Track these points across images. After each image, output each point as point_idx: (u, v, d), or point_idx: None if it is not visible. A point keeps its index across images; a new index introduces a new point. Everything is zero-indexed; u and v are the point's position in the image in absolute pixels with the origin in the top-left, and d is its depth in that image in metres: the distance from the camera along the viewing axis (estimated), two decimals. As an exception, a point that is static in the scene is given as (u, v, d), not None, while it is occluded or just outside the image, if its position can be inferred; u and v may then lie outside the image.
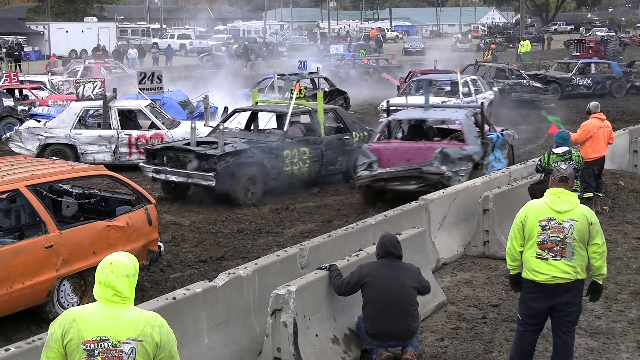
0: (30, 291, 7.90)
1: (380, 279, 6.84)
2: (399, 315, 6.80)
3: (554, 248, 6.12)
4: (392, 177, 12.88)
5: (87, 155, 16.76)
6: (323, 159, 14.90)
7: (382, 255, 7.04)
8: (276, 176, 14.08)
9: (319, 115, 15.17)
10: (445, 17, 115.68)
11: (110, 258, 4.25)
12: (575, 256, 6.13)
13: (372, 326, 6.86)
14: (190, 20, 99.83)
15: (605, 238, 6.33)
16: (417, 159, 13.03)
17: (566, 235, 6.10)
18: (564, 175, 6.25)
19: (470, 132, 13.66)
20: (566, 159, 10.03)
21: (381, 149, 13.52)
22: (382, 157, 13.28)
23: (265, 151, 14.00)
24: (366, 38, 71.75)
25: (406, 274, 6.95)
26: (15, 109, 22.34)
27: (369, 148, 13.55)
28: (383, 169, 13.02)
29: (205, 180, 13.31)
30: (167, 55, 52.77)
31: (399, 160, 13.19)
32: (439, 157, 12.75)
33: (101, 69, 33.40)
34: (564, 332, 6.35)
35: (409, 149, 13.45)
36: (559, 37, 73.48)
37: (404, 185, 12.89)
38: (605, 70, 32.33)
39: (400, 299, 6.82)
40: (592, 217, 6.18)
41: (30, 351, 5.38)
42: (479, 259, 10.32)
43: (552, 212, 6.15)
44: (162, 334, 4.22)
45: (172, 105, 19.92)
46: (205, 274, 9.79)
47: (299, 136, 15.11)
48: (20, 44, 56.14)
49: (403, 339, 6.90)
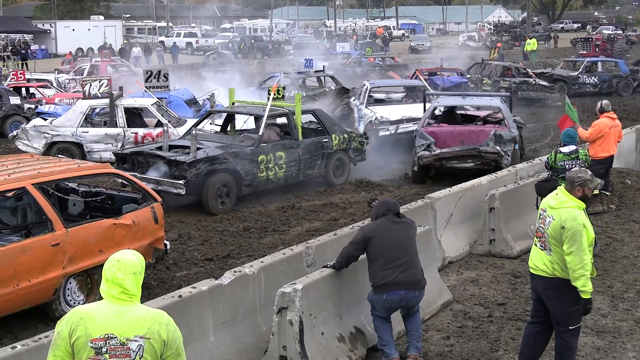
0: (36, 289, 7.92)
1: (385, 233, 6.90)
2: (405, 265, 6.84)
3: (541, 238, 6.36)
4: (452, 156, 14.66)
5: (94, 154, 16.79)
6: (300, 163, 14.34)
7: (383, 214, 7.07)
8: (250, 182, 13.49)
9: (297, 118, 14.63)
10: (451, 15, 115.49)
11: (117, 255, 4.26)
12: (553, 252, 6.25)
13: (382, 278, 6.81)
14: (196, 19, 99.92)
15: (611, 237, 6.35)
16: (470, 140, 14.88)
17: (544, 230, 6.30)
18: (572, 181, 6.29)
19: (509, 116, 15.53)
20: (573, 158, 9.98)
21: (437, 132, 15.13)
22: (438, 139, 14.90)
23: (239, 156, 13.38)
24: (372, 36, 71.67)
25: (408, 229, 7.06)
26: (21, 107, 22.40)
27: (426, 131, 15.06)
28: (442, 149, 14.68)
29: (175, 187, 12.69)
30: (173, 54, 52.80)
31: (453, 141, 14.93)
32: (493, 138, 14.60)
33: (107, 67, 33.43)
34: (557, 332, 6.44)
35: (463, 131, 15.24)
36: (565, 35, 73.28)
37: (461, 163, 14.73)
38: (612, 68, 32.23)
39: (405, 249, 6.90)
40: (567, 223, 6.10)
41: (37, 349, 5.39)
42: (485, 258, 10.31)
43: (545, 204, 6.39)
44: (169, 332, 4.23)
45: (178, 104, 19.92)
46: (211, 272, 9.79)
47: (274, 140, 14.55)
48: (26, 43, 56.25)
49: (412, 288, 6.85)
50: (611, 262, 9.95)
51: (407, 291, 6.83)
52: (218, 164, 13.06)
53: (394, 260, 6.81)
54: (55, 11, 73.51)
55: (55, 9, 73.98)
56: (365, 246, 6.94)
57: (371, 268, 6.93)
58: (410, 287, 6.84)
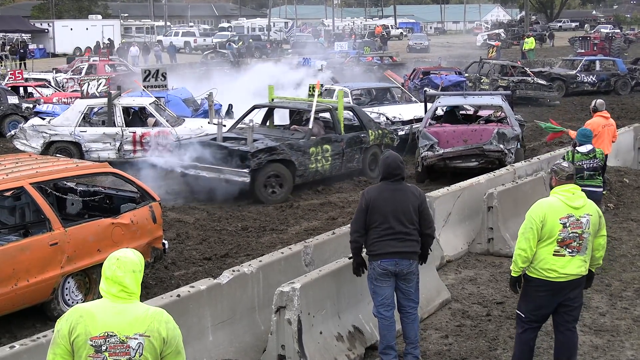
0: (35, 288, 7.92)
1: (382, 202, 6.73)
2: (400, 236, 6.69)
3: (572, 244, 6.17)
4: (456, 155, 14.71)
5: (92, 153, 16.76)
6: (343, 156, 15.11)
7: (384, 177, 6.87)
8: (302, 173, 14.29)
9: (339, 113, 15.42)
10: (449, 14, 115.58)
11: (116, 254, 4.27)
12: (588, 250, 6.25)
13: (377, 249, 6.71)
14: (194, 18, 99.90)
15: (609, 235, 6.39)
16: (473, 139, 14.88)
17: (584, 231, 6.19)
18: (570, 174, 6.37)
19: (511, 114, 15.60)
20: (591, 157, 10.01)
21: (440, 132, 15.14)
22: (441, 139, 14.94)
23: (293, 148, 14.21)
24: (370, 35, 71.63)
25: (410, 197, 6.81)
26: (19, 107, 22.38)
27: (429, 131, 15.08)
28: (446, 149, 14.71)
29: (240, 176, 13.53)
30: (170, 53, 52.75)
31: (456, 141, 14.92)
32: (496, 136, 14.69)
33: (105, 66, 33.41)
34: (568, 328, 6.39)
35: (465, 131, 15.20)
36: (563, 34, 73.30)
37: (465, 162, 14.77)
38: (610, 67, 32.23)
39: (402, 220, 6.69)
40: (599, 210, 6.39)
41: (35, 348, 5.39)
42: (483, 257, 10.32)
43: (570, 209, 6.19)
44: (168, 330, 4.24)
45: (176, 103, 19.90)
46: (210, 271, 9.80)
47: (321, 134, 15.28)
48: (24, 42, 56.11)
49: (407, 257, 6.73)
50: (609, 261, 9.95)
51: (400, 259, 6.72)
52: (276, 154, 13.91)
53: (389, 232, 6.68)
54: (53, 10, 73.40)
55: (53, 8, 73.87)
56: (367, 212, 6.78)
57: (367, 235, 6.79)
58: (405, 256, 6.73)
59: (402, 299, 6.93)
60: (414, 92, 27.07)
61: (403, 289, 6.88)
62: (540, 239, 6.18)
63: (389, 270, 6.75)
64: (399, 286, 6.88)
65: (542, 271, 6.20)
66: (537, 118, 23.77)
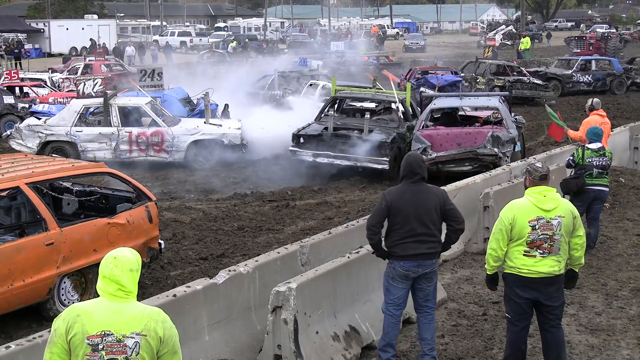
0: (31, 288, 7.91)
1: (405, 202, 6.63)
2: (422, 237, 6.63)
3: (543, 245, 6.20)
4: (449, 159, 14.38)
5: (88, 153, 16.75)
6: (411, 143, 15.69)
7: (405, 176, 6.76)
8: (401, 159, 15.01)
9: (407, 103, 16.69)
10: (445, 14, 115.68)
11: (114, 253, 4.28)
12: (561, 251, 6.24)
13: (400, 250, 6.64)
14: (190, 18, 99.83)
15: (605, 235, 6.37)
16: (467, 142, 14.50)
17: (555, 232, 6.19)
18: (544, 174, 6.33)
19: (508, 116, 15.19)
20: (600, 154, 10.03)
21: (433, 135, 14.78)
22: (434, 142, 14.60)
23: (400, 136, 15.57)
24: (367, 35, 71.66)
25: (432, 197, 6.73)
26: (15, 107, 22.31)
27: (422, 134, 14.77)
28: (439, 153, 14.39)
29: (380, 164, 14.98)
30: (166, 53, 52.73)
31: (450, 144, 14.57)
32: (490, 140, 14.25)
33: (101, 66, 33.37)
34: (552, 325, 6.43)
35: (459, 134, 14.76)
36: (559, 34, 73.35)
37: (459, 166, 14.41)
38: (605, 67, 32.28)
39: (424, 221, 6.62)
40: (575, 211, 6.33)
41: (31, 348, 5.39)
42: (479, 256, 10.31)
43: (539, 211, 6.21)
44: (165, 329, 4.24)
45: (172, 103, 19.89)
46: (206, 271, 9.79)
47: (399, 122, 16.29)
48: (20, 42, 56.08)
49: (429, 258, 6.70)
50: (605, 260, 9.97)
51: (423, 260, 6.67)
52: (398, 143, 15.36)
53: (411, 234, 6.61)
54: (49, 10, 73.26)
55: (48, 8, 73.73)
56: (388, 214, 6.71)
57: (388, 237, 6.73)
58: (427, 257, 6.69)
59: (421, 299, 6.87)
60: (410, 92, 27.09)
61: (424, 288, 6.83)
62: (511, 239, 6.26)
63: (410, 273, 6.71)
64: (420, 287, 6.82)
65: (514, 268, 6.30)
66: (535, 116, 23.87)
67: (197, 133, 16.95)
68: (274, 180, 15.67)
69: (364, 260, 7.64)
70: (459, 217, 6.87)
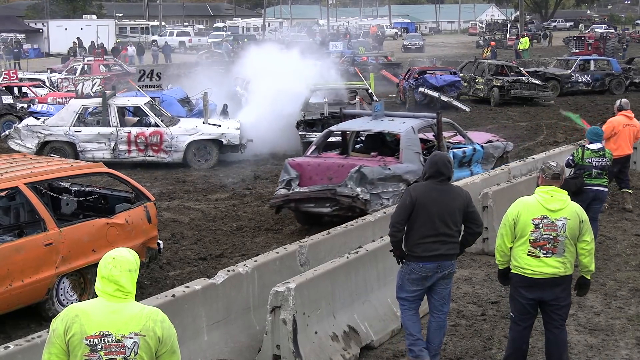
0: (29, 289, 7.90)
1: (429, 201, 6.53)
2: (443, 238, 6.55)
3: (546, 245, 6.18)
4: (305, 197, 11.42)
5: (86, 153, 16.75)
6: None
7: (431, 175, 6.65)
8: None
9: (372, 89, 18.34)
10: (444, 14, 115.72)
11: (112, 253, 4.27)
12: (566, 253, 6.21)
13: (421, 251, 6.55)
14: (189, 18, 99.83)
15: (604, 235, 6.36)
16: (339, 177, 11.48)
17: (558, 234, 6.17)
18: (557, 173, 6.31)
19: (408, 147, 11.81)
20: (600, 155, 10.01)
21: (304, 165, 11.92)
22: (304, 174, 11.78)
23: None
24: (365, 35, 71.66)
25: (457, 198, 6.65)
26: (14, 107, 22.32)
27: (291, 163, 11.95)
28: (299, 189, 11.55)
29: None
30: (165, 53, 52.73)
31: (320, 178, 11.70)
32: (354, 177, 11.20)
33: (100, 66, 33.36)
34: (556, 326, 6.42)
35: (332, 165, 11.78)
36: (558, 34, 73.35)
37: (318, 207, 11.46)
38: (604, 67, 32.29)
39: (447, 222, 6.55)
40: (582, 215, 6.27)
41: (30, 349, 5.38)
42: (478, 256, 10.32)
43: (545, 211, 6.20)
44: (164, 329, 4.24)
45: (171, 103, 19.89)
46: (205, 271, 9.79)
47: None
48: (19, 42, 56.09)
49: (449, 259, 6.64)
50: (604, 260, 9.97)
51: (443, 261, 6.61)
52: None
53: (433, 234, 6.54)
54: (47, 10, 73.26)
55: (47, 8, 73.74)
56: (411, 211, 6.60)
57: (409, 236, 6.64)
58: (447, 258, 6.63)
59: (437, 302, 6.79)
60: (408, 91, 27.11)
61: (441, 290, 6.75)
62: (515, 236, 6.27)
63: (427, 276, 6.64)
64: (436, 289, 6.74)
65: (519, 268, 6.29)
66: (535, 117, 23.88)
67: (196, 133, 16.95)
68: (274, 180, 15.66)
69: (363, 260, 7.64)
70: (478, 220, 6.85)
